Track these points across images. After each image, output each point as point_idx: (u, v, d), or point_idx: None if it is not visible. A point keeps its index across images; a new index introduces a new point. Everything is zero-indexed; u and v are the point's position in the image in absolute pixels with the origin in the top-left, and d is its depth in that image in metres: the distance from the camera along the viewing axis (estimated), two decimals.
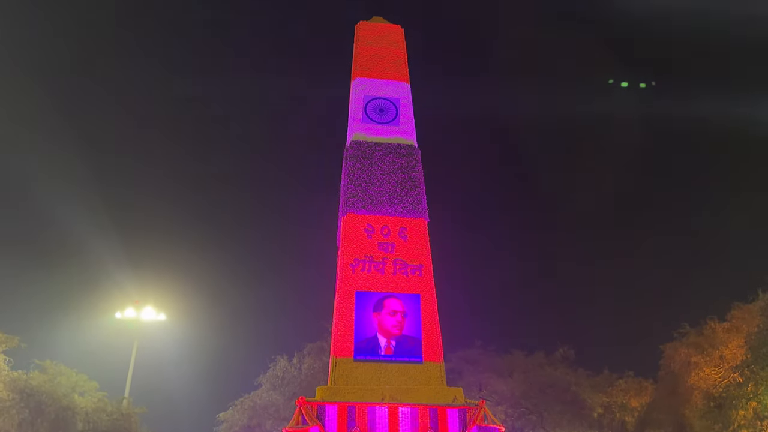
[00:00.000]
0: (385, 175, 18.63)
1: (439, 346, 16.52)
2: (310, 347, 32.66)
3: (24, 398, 23.70)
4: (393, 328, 16.52)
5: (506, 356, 32.15)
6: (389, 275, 17.21)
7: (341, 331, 16.26)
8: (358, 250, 17.43)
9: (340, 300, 16.73)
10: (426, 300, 17.04)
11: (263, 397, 31.47)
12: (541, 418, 28.94)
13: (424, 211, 18.44)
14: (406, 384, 15.60)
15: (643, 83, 45.81)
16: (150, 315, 33.02)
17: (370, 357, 16.03)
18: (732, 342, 26.17)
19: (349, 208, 17.97)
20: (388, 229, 17.86)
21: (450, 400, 15.30)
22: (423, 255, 17.71)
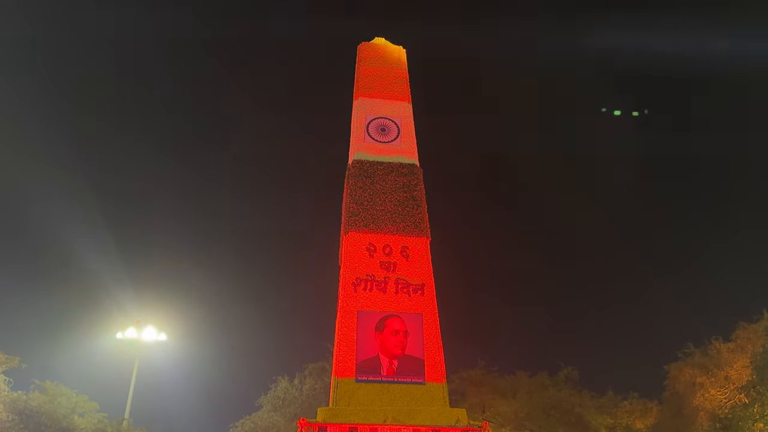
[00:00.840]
0: (387, 194, 18.64)
1: (441, 367, 16.36)
2: (312, 368, 32.40)
3: (24, 419, 23.47)
4: (395, 348, 16.38)
5: (510, 377, 31.82)
6: (391, 294, 17.12)
7: (343, 351, 16.12)
8: (360, 269, 17.36)
9: (342, 319, 16.62)
10: (428, 319, 16.92)
11: (264, 419, 31.14)
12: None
13: (426, 230, 18.41)
14: (408, 405, 15.42)
15: (636, 112, 45.86)
16: (151, 335, 32.87)
17: (372, 377, 15.86)
18: (737, 362, 25.89)
19: (351, 227, 17.95)
20: (390, 248, 17.81)
21: (453, 421, 15.10)
22: (425, 274, 17.63)
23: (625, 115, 45.36)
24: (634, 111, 45.94)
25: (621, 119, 46.44)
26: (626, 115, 45.89)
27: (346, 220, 18.30)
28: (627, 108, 49.96)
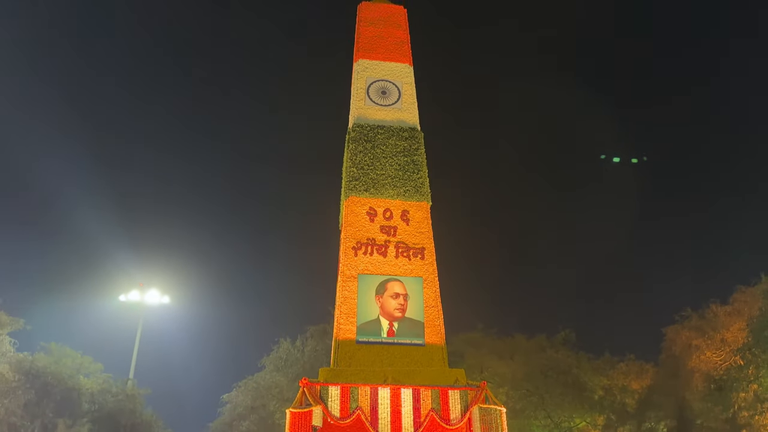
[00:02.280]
0: (388, 159, 18.63)
1: (441, 329, 16.64)
2: (313, 330, 32.94)
3: (30, 379, 23.98)
4: (395, 311, 16.64)
5: (508, 339, 32.38)
6: (391, 258, 17.29)
7: (343, 314, 16.38)
8: (361, 233, 17.49)
9: (343, 283, 16.84)
10: (428, 283, 17.14)
11: (267, 379, 31.80)
12: (542, 400, 29.19)
13: (427, 194, 18.46)
14: (408, 366, 15.74)
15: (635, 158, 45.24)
16: (154, 298, 33.26)
17: (372, 339, 16.16)
18: (734, 325, 26.28)
19: (351, 192, 18.00)
20: (390, 212, 17.90)
21: (452, 381, 15.45)
22: (425, 238, 17.77)
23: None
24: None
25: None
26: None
27: (346, 185, 18.35)
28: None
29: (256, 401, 31.04)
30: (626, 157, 50.45)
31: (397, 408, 14.67)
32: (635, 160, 44.78)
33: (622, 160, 48.10)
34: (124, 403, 26.67)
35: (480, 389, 15.33)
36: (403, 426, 14.54)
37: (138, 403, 27.60)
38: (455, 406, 14.98)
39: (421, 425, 14.57)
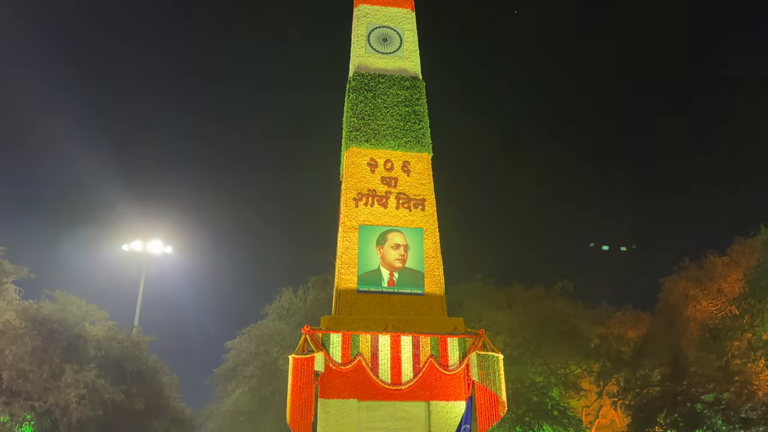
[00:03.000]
0: (389, 109, 18.49)
1: (440, 279, 16.92)
2: (315, 280, 33.50)
3: (36, 326, 24.49)
4: (396, 261, 16.86)
5: (506, 289, 32.94)
6: (392, 209, 17.41)
7: (344, 264, 16.63)
8: (361, 184, 17.55)
9: (344, 234, 17.02)
10: (428, 234, 17.32)
11: (269, 326, 32.57)
12: (539, 348, 29.92)
13: (428, 145, 18.40)
14: (408, 315, 16.09)
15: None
16: (157, 248, 33.61)
17: (373, 289, 16.45)
18: (731, 275, 26.69)
19: (352, 142, 17.94)
20: (391, 163, 17.90)
21: (450, 329, 15.82)
22: (426, 189, 17.84)
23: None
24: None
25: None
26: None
27: (346, 135, 18.28)
28: None
29: (260, 348, 31.88)
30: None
31: (397, 354, 15.08)
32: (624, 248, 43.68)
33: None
34: (130, 350, 27.32)
35: (478, 337, 15.70)
36: (403, 371, 14.98)
37: (143, 349, 28.28)
38: (453, 353, 15.39)
39: (420, 371, 15.01)
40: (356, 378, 15.03)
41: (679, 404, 25.86)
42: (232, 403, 31.64)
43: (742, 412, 24.00)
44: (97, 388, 24.43)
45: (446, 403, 15.32)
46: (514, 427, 28.44)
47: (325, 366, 14.92)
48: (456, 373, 15.34)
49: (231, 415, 31.75)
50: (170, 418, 28.26)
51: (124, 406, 25.56)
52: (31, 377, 23.04)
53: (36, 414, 22.98)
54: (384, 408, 15.13)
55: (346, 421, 14.78)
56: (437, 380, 15.36)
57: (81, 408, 23.51)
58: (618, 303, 33.68)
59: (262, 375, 31.25)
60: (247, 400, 31.34)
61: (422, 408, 15.31)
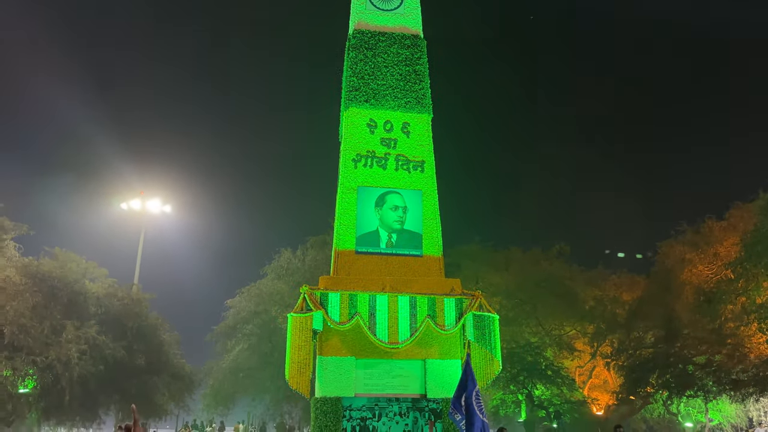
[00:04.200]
0: (389, 68, 18.31)
1: (438, 241, 17.08)
2: (313, 240, 33.71)
3: (36, 283, 24.74)
4: (394, 223, 16.99)
5: (504, 252, 33.22)
6: (391, 171, 17.43)
7: (343, 225, 16.75)
8: (361, 145, 17.52)
9: (342, 195, 17.08)
10: (427, 196, 17.39)
11: (269, 286, 32.92)
12: (534, 309, 30.39)
13: (428, 106, 18.30)
14: (406, 275, 16.30)
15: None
16: (156, 206, 33.62)
17: (371, 250, 16.63)
18: (728, 240, 26.85)
19: (351, 103, 17.84)
20: (390, 124, 17.83)
21: (448, 290, 16.07)
22: (426, 151, 17.83)
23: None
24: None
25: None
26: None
27: (346, 95, 18.15)
28: None
29: (259, 306, 32.31)
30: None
31: (395, 314, 15.36)
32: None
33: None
34: (130, 307, 27.67)
35: (474, 297, 15.97)
36: (400, 331, 15.29)
37: (143, 306, 28.64)
38: (450, 313, 15.67)
39: (417, 330, 15.32)
40: (354, 336, 15.35)
41: (671, 366, 26.41)
42: (232, 360, 32.28)
43: (733, 373, 24.55)
44: (98, 344, 24.87)
45: (442, 362, 15.70)
46: (508, 386, 29.13)
47: (323, 324, 15.21)
48: (452, 332, 15.66)
49: (231, 371, 32.42)
50: (171, 373, 28.84)
51: (125, 362, 26.06)
52: (33, 333, 23.42)
53: (38, 369, 23.45)
54: (381, 366, 15.51)
55: (343, 378, 15.16)
56: (433, 339, 15.70)
57: (82, 363, 23.98)
58: (614, 266, 34.06)
59: (262, 333, 31.78)
60: (247, 357, 31.95)
61: (418, 366, 15.69)
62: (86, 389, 24.95)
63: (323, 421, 14.64)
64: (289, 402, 32.35)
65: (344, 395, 15.01)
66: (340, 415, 14.78)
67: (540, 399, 30.10)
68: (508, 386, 29.24)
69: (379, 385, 15.42)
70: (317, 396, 15.13)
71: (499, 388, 29.34)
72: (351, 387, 15.14)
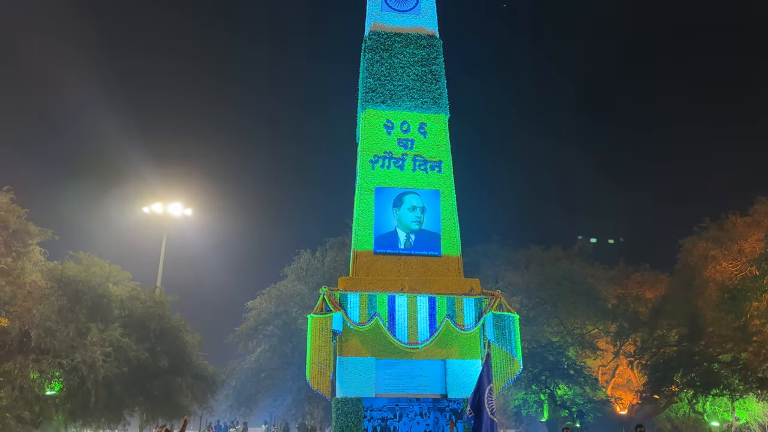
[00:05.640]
0: (405, 69, 18.35)
1: (457, 240, 17.08)
2: (332, 242, 33.82)
3: (62, 286, 25.10)
4: (412, 223, 17.03)
5: (523, 250, 32.99)
6: (409, 171, 17.48)
7: (361, 226, 16.83)
8: (378, 146, 17.60)
9: (360, 196, 17.17)
10: (445, 196, 17.40)
11: (289, 287, 33.11)
12: (555, 308, 30.14)
13: (445, 106, 18.32)
14: (424, 275, 16.32)
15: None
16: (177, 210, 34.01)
17: (390, 250, 16.68)
18: (752, 236, 26.41)
19: (368, 104, 17.94)
20: (407, 125, 17.88)
21: (467, 290, 16.06)
22: (443, 151, 17.84)
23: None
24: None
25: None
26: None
27: (363, 97, 18.25)
28: None
29: (279, 308, 32.52)
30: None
31: (414, 314, 15.41)
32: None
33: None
34: (153, 309, 27.97)
35: (494, 297, 15.94)
36: (419, 331, 15.32)
37: (166, 309, 28.92)
38: (469, 313, 15.67)
39: (436, 330, 15.34)
40: (373, 337, 15.43)
41: (695, 364, 26.02)
42: (254, 361, 32.53)
43: (759, 372, 24.12)
44: (122, 346, 25.18)
45: (462, 362, 15.71)
46: (530, 386, 28.95)
47: (343, 325, 15.31)
48: (472, 332, 15.65)
49: (252, 372, 32.66)
50: (193, 374, 29.07)
51: (148, 364, 26.37)
52: (59, 336, 23.78)
53: (64, 371, 23.82)
54: (401, 366, 15.56)
55: (363, 378, 15.24)
56: (453, 339, 15.71)
57: (107, 365, 24.30)
58: (636, 263, 33.66)
59: (282, 334, 31.98)
60: (268, 357, 32.17)
61: (438, 366, 15.72)
62: (111, 391, 25.28)
63: (344, 421, 14.73)
64: (310, 402, 32.51)
65: (365, 396, 15.08)
66: (360, 416, 14.86)
67: (562, 398, 29.86)
68: (530, 386, 29.05)
69: (399, 386, 15.47)
70: (338, 396, 15.23)
71: (521, 388, 29.16)
72: (371, 387, 15.21)
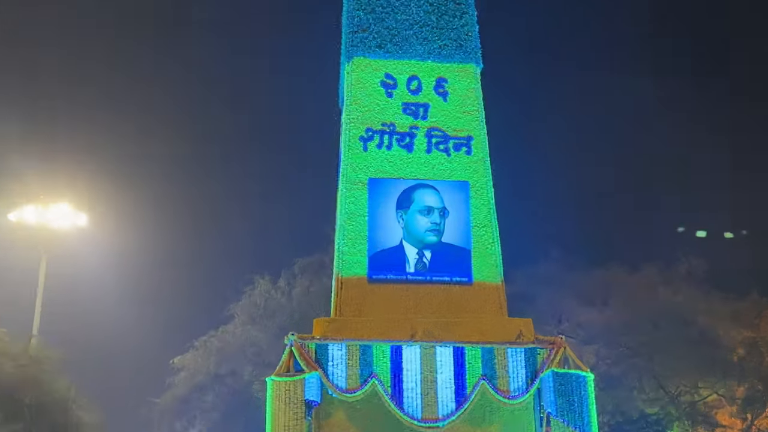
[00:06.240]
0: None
1: (497, 259, 17.08)
2: (304, 263, 33.78)
3: None
4: (428, 233, 17.05)
5: (599, 273, 32.89)
6: (421, 153, 17.50)
7: (349, 239, 16.82)
8: (372, 115, 17.62)
9: (347, 192, 17.15)
10: (478, 191, 17.41)
11: (237, 334, 33.00)
12: (650, 362, 30.04)
13: (476, 52, 18.38)
14: (447, 315, 16.29)
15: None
16: (63, 217, 33.64)
17: (393, 275, 16.65)
18: None
19: (357, 50, 17.98)
20: (418, 81, 17.92)
21: (513, 336, 16.01)
22: (473, 121, 17.86)
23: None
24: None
25: None
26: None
27: (348, 40, 18.29)
28: None
29: (223, 366, 32.42)
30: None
31: (431, 375, 15.36)
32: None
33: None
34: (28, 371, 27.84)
35: (555, 347, 15.90)
36: (440, 401, 15.28)
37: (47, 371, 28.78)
38: (518, 372, 15.63)
39: (467, 400, 15.28)
40: (369, 411, 15.36)
41: None
42: None
43: None
44: None
45: None
46: None
47: (322, 393, 15.25)
48: (521, 402, 15.60)
49: None
50: None
51: None
52: None
53: None
54: None
55: None
56: (493, 413, 15.65)
57: None
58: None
59: (228, 407, 31.91)
60: None
61: None
62: None
63: None
64: None
65: None
66: None
67: None
68: None
69: None
70: None
71: None
72: None
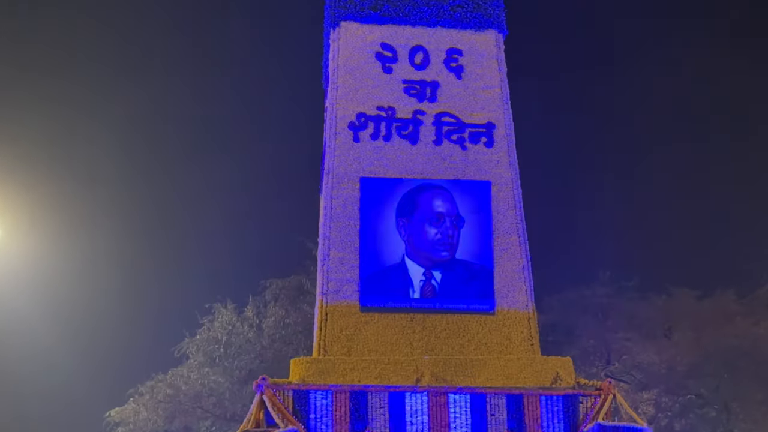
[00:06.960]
0: None
1: (526, 282, 17.13)
2: (277, 287, 33.84)
3: None
4: (437, 248, 17.12)
5: (658, 299, 33.01)
6: (428, 145, 17.59)
7: (336, 255, 16.87)
8: (365, 96, 17.72)
9: (333, 194, 17.21)
10: (502, 192, 17.50)
11: (192, 379, 33.04)
12: (726, 412, 30.15)
13: (499, 14, 18.49)
14: (462, 351, 16.38)
15: None
16: None
17: (392, 302, 16.73)
18: None
19: (344, 12, 18.08)
20: (424, 53, 18.04)
21: (548, 381, 16.08)
22: (495, 104, 17.95)
23: None
24: None
25: None
26: None
27: (333, 1, 18.37)
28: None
29: (175, 420, 32.45)
30: None
31: (443, 429, 15.41)
32: None
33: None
34: None
35: (603, 394, 15.96)
36: None
37: None
38: (554, 426, 15.69)
39: None
40: None
41: None
42: None
43: None
44: None
45: None
46: None
47: None
48: None
49: None
50: None
51: None
52: None
53: None
54: None
55: None
56: None
57: None
58: None
59: None
60: None
61: None
62: None
63: None
64: None
65: None
66: None
67: None
68: None
69: None
70: None
71: None
72: None
